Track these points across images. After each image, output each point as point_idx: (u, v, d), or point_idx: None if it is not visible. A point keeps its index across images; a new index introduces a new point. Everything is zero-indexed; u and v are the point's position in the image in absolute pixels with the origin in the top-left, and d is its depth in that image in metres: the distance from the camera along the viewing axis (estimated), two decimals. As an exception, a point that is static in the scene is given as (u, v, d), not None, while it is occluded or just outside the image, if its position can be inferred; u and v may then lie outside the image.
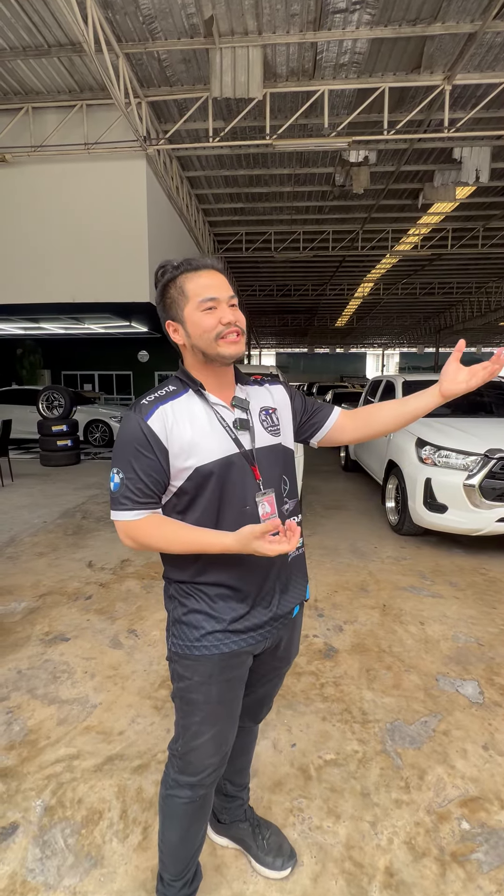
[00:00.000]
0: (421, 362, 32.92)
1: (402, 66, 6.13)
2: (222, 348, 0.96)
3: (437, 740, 1.72)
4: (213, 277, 0.97)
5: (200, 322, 0.95)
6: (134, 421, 0.95)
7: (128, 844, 1.34)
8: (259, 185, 9.76)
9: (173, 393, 1.00)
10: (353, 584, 3.04)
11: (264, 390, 1.11)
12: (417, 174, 9.25)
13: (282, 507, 1.04)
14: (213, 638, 0.99)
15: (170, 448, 0.94)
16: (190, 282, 0.96)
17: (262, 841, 1.29)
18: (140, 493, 0.94)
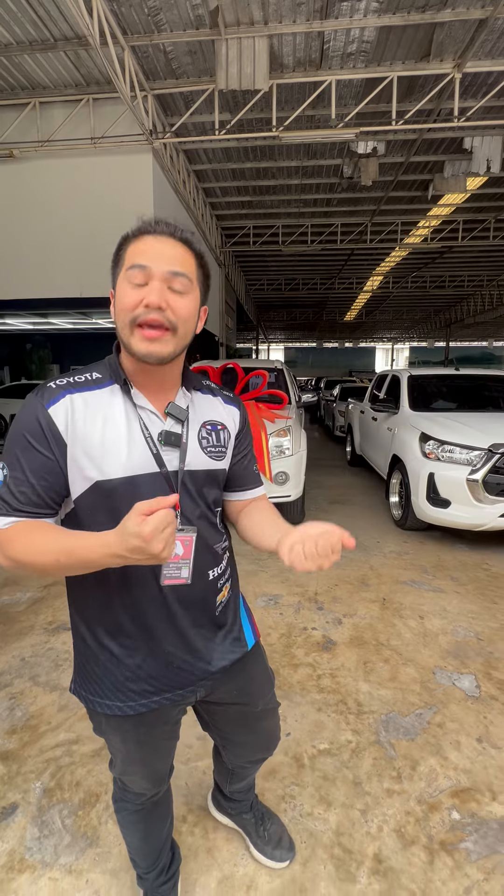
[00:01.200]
0: (431, 356, 32.58)
1: (410, 55, 6.03)
2: (134, 341, 0.74)
3: (431, 732, 1.73)
4: (165, 246, 0.75)
5: (122, 297, 0.75)
6: (32, 407, 0.75)
7: (123, 826, 1.37)
8: (266, 178, 9.70)
9: (95, 382, 0.80)
10: (354, 578, 3.04)
11: (217, 402, 0.91)
12: (427, 165, 9.12)
13: (205, 556, 0.84)
14: (113, 696, 0.84)
15: (70, 446, 0.74)
16: (133, 245, 0.77)
17: (264, 831, 1.28)
18: (23, 498, 0.73)
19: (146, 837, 1.08)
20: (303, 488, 3.84)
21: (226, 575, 0.92)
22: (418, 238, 12.90)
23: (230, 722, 1.04)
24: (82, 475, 0.76)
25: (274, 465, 3.61)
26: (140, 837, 1.07)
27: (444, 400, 4.62)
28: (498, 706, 1.87)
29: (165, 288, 0.74)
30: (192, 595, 0.85)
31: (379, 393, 5.43)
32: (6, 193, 7.39)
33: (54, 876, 1.23)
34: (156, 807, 1.06)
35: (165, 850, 1.13)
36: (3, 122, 7.09)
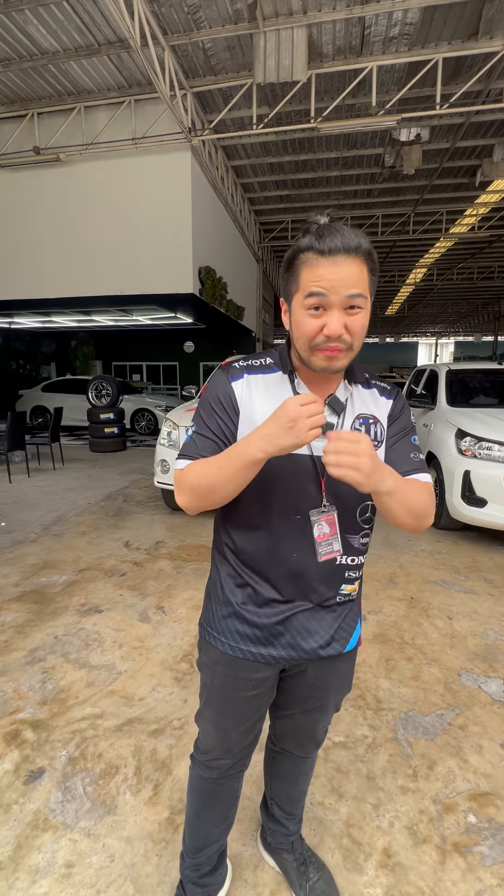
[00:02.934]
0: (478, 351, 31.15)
1: (457, 34, 5.77)
2: (315, 359, 0.80)
3: (451, 733, 1.68)
4: (338, 267, 0.74)
5: (301, 322, 0.79)
6: (219, 380, 0.90)
7: (139, 798, 1.44)
8: (305, 171, 9.59)
9: (267, 367, 0.90)
10: (382, 576, 2.99)
11: (372, 396, 0.93)
12: (475, 150, 8.70)
13: (349, 535, 0.91)
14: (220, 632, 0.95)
15: (242, 415, 0.87)
16: (308, 267, 0.76)
17: (307, 883, 1.17)
18: (204, 449, 0.86)
19: (199, 815, 1.10)
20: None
21: (356, 572, 0.96)
22: (465, 227, 12.34)
23: (296, 701, 1.06)
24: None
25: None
26: (195, 811, 1.10)
27: (484, 395, 4.42)
28: (526, 713, 1.79)
29: (341, 311, 0.77)
30: (321, 573, 0.91)
31: (417, 388, 5.27)
32: (53, 196, 7.73)
33: (74, 837, 1.31)
34: (219, 787, 1.07)
35: (210, 851, 1.12)
36: (51, 128, 7.41)
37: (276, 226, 12.76)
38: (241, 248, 11.14)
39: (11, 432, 5.83)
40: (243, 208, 10.91)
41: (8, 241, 8.07)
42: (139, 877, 1.21)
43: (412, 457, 0.92)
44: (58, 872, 1.22)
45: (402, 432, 0.93)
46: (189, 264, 7.52)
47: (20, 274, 8.08)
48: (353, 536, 0.92)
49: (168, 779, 1.49)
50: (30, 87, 6.91)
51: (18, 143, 7.50)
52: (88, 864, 1.24)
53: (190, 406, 4.29)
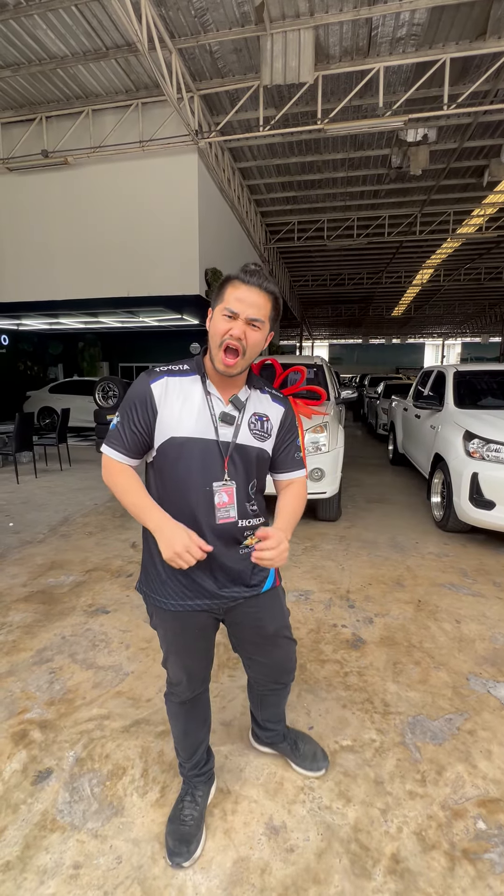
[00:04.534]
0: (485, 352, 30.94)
1: (465, 35, 5.75)
2: (217, 360, 1.08)
3: (460, 738, 1.67)
4: (252, 295, 1.06)
5: (216, 324, 1.08)
6: (143, 381, 1.12)
7: (147, 800, 1.44)
8: (312, 172, 9.59)
9: (184, 371, 1.15)
10: (389, 578, 2.98)
11: (266, 401, 1.21)
12: (483, 150, 8.66)
13: (244, 503, 1.17)
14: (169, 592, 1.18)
15: (160, 413, 1.10)
16: (233, 288, 1.07)
17: (300, 753, 1.52)
18: (127, 442, 1.12)
19: (186, 733, 1.35)
20: (339, 485, 3.79)
21: (252, 531, 1.20)
22: (472, 228, 12.28)
23: (248, 642, 1.33)
24: (163, 432, 1.11)
25: (309, 462, 3.59)
26: (181, 731, 1.35)
27: (492, 397, 4.39)
28: (536, 718, 1.77)
29: (245, 324, 1.06)
30: (224, 534, 1.16)
31: (424, 390, 5.25)
32: (61, 199, 7.79)
33: (81, 838, 1.31)
34: (194, 708, 1.34)
35: (201, 750, 1.39)
36: (59, 131, 7.47)
37: (282, 227, 12.77)
38: (247, 250, 11.15)
39: (19, 433, 5.87)
40: (249, 210, 10.93)
41: (16, 244, 8.14)
42: (146, 879, 1.21)
43: (295, 457, 1.26)
44: (65, 873, 1.22)
45: (291, 437, 1.25)
46: (196, 266, 7.54)
47: (28, 276, 8.15)
48: (246, 504, 1.17)
49: (175, 781, 1.49)
50: (38, 91, 6.97)
51: (27, 146, 7.57)
52: (96, 865, 1.24)
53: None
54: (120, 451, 1.12)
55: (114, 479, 1.13)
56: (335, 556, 3.34)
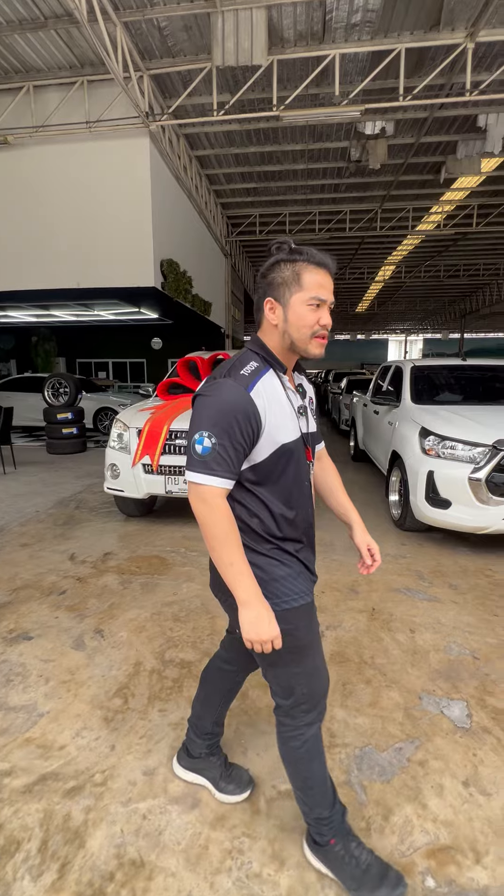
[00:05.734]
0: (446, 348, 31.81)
1: (419, 24, 5.67)
2: (312, 347, 1.04)
3: (410, 772, 1.51)
4: (327, 280, 1.02)
5: (305, 316, 1.02)
6: (237, 390, 0.98)
7: (40, 884, 1.19)
8: (271, 163, 9.39)
9: (259, 371, 1.03)
10: (343, 585, 2.82)
11: (304, 380, 1.19)
12: (439, 146, 8.70)
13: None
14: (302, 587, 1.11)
15: (265, 422, 1.00)
16: (308, 273, 1.01)
17: (227, 773, 1.44)
18: (233, 464, 0.98)
19: (323, 766, 1.19)
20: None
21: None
22: (431, 225, 12.43)
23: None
24: (271, 441, 1.02)
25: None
26: (321, 762, 1.19)
27: (449, 392, 4.33)
28: (490, 741, 1.64)
29: (328, 311, 1.04)
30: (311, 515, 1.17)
31: (383, 383, 5.16)
32: (2, 181, 7.24)
33: None
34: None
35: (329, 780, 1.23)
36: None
37: (243, 219, 12.53)
38: (207, 242, 10.84)
39: (-46, 435, 5.39)
40: (209, 201, 10.62)
41: (-47, 229, 7.52)
42: None
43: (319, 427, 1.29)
44: None
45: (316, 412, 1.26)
46: (150, 256, 7.19)
47: (-33, 264, 7.55)
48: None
49: (79, 854, 1.25)
50: (-29, 62, 6.41)
51: (-39, 123, 6.98)
52: None
53: (143, 406, 4.02)
54: (227, 477, 0.98)
55: (216, 520, 0.97)
56: (289, 562, 3.16)
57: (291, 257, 1.01)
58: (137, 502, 3.90)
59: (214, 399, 0.98)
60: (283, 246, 1.03)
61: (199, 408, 0.99)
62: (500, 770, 1.52)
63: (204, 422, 0.97)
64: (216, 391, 0.99)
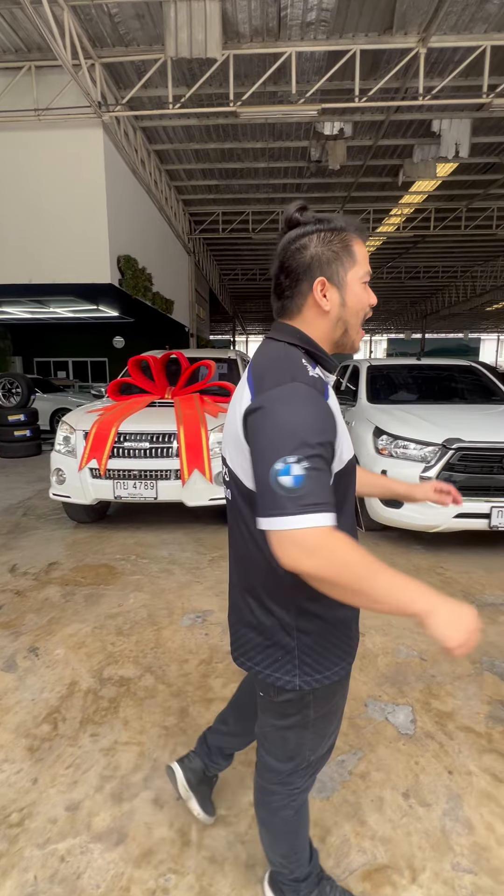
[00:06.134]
0: (409, 348, 32.66)
1: (373, 26, 5.71)
2: (359, 337, 0.90)
3: (351, 787, 1.46)
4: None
5: (362, 296, 0.86)
6: (316, 397, 0.76)
7: None
8: (232, 160, 9.30)
9: (317, 374, 0.82)
10: (296, 589, 2.77)
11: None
12: (397, 149, 8.85)
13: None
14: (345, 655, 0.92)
15: (339, 433, 0.80)
16: (358, 246, 0.85)
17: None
18: (330, 491, 0.73)
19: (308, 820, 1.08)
20: (249, 488, 3.53)
21: None
22: (392, 227, 12.69)
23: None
24: (342, 454, 0.83)
25: (215, 464, 3.30)
26: (307, 823, 1.08)
27: (405, 391, 4.38)
28: (433, 747, 1.61)
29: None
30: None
31: (342, 384, 5.17)
32: None
33: None
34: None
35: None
36: None
37: (206, 217, 12.38)
38: (168, 239, 10.64)
39: None
40: (170, 197, 10.42)
41: None
42: None
43: None
44: None
45: None
46: (105, 252, 6.96)
47: None
48: None
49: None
50: None
51: None
52: None
53: (92, 407, 3.84)
54: (332, 510, 0.70)
55: (345, 559, 0.68)
56: (243, 566, 3.08)
57: (334, 225, 0.83)
58: (87, 508, 3.72)
59: (292, 410, 0.72)
60: (307, 213, 0.85)
61: (268, 427, 0.72)
62: (440, 778, 1.49)
63: (285, 443, 0.70)
64: (290, 400, 0.73)
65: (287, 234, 0.85)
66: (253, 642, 0.91)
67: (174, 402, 3.61)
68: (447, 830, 1.31)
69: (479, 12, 5.44)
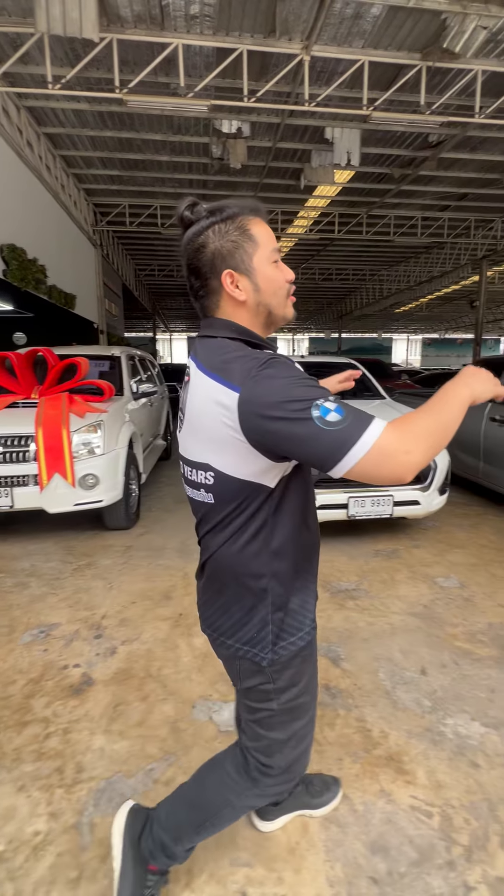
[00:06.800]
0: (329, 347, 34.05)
1: (257, 28, 5.77)
2: (289, 310, 0.90)
3: (151, 796, 1.42)
4: (269, 227, 0.88)
5: (275, 276, 0.86)
6: (284, 360, 0.79)
7: None
8: (132, 151, 8.98)
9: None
10: (158, 592, 2.70)
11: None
12: (296, 153, 9.09)
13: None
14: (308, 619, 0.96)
15: None
16: (257, 227, 0.85)
17: (313, 789, 1.34)
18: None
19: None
20: (122, 490, 3.41)
21: None
22: (301, 228, 13.06)
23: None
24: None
25: (79, 467, 3.13)
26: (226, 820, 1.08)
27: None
28: (247, 741, 1.62)
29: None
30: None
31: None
32: None
33: None
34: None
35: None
36: None
37: (111, 208, 11.88)
38: (68, 229, 10.04)
39: None
40: (68, 184, 9.84)
41: None
42: None
43: None
44: None
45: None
46: (-15, 240, 6.37)
47: None
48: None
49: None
50: None
51: None
52: None
53: None
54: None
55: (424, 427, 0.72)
56: (109, 572, 2.96)
57: (227, 214, 0.82)
58: None
59: (283, 373, 0.74)
60: (197, 208, 0.84)
61: (275, 396, 0.71)
62: (246, 772, 1.50)
63: (303, 395, 0.71)
64: (274, 368, 0.75)
65: (185, 235, 0.85)
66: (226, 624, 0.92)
67: (39, 401, 3.37)
68: (235, 827, 1.31)
69: (354, 27, 5.71)
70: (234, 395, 0.75)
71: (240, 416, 0.75)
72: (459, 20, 5.49)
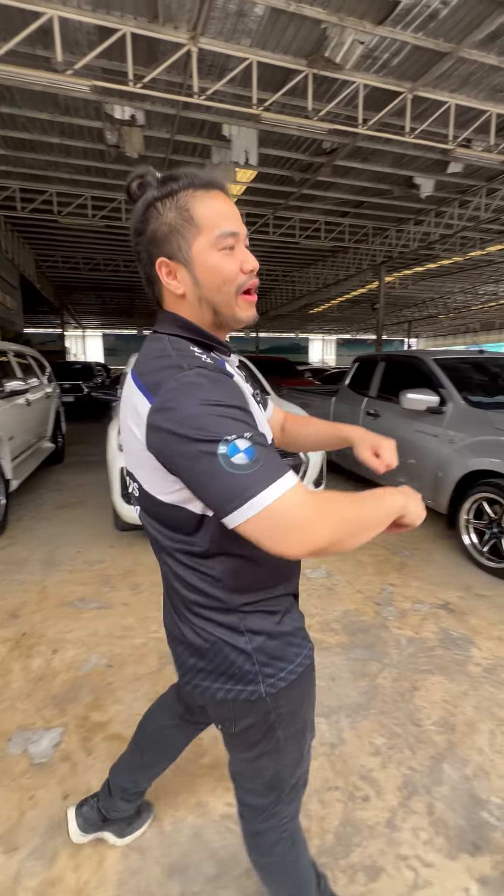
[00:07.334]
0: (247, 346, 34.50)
1: (139, 10, 5.55)
2: (241, 310, 0.73)
3: None
4: (228, 203, 0.72)
5: (219, 266, 0.70)
6: (216, 374, 0.65)
7: None
8: (16, 129, 8.27)
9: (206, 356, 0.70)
10: (6, 610, 2.44)
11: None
12: (196, 148, 8.96)
13: None
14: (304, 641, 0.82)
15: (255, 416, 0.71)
16: (201, 204, 0.69)
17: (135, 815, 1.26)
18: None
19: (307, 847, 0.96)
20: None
21: None
22: (208, 226, 12.96)
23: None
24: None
25: None
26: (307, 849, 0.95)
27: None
28: (63, 771, 1.47)
29: (246, 248, 0.75)
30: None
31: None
32: None
33: None
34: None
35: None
36: None
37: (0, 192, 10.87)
38: None
39: None
40: None
41: None
42: None
43: None
44: None
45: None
46: None
47: None
48: None
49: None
50: None
51: None
52: None
53: None
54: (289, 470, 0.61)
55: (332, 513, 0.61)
56: (-49, 592, 2.62)
57: (167, 189, 0.69)
58: None
59: (202, 395, 0.61)
60: (147, 179, 0.72)
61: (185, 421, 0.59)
62: (51, 807, 1.35)
63: (214, 427, 0.59)
64: (195, 386, 0.62)
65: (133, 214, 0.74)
66: (198, 665, 0.78)
67: None
68: (20, 874, 1.17)
69: (240, 24, 5.71)
70: (147, 405, 0.64)
71: (147, 428, 0.64)
72: (338, 32, 5.74)
